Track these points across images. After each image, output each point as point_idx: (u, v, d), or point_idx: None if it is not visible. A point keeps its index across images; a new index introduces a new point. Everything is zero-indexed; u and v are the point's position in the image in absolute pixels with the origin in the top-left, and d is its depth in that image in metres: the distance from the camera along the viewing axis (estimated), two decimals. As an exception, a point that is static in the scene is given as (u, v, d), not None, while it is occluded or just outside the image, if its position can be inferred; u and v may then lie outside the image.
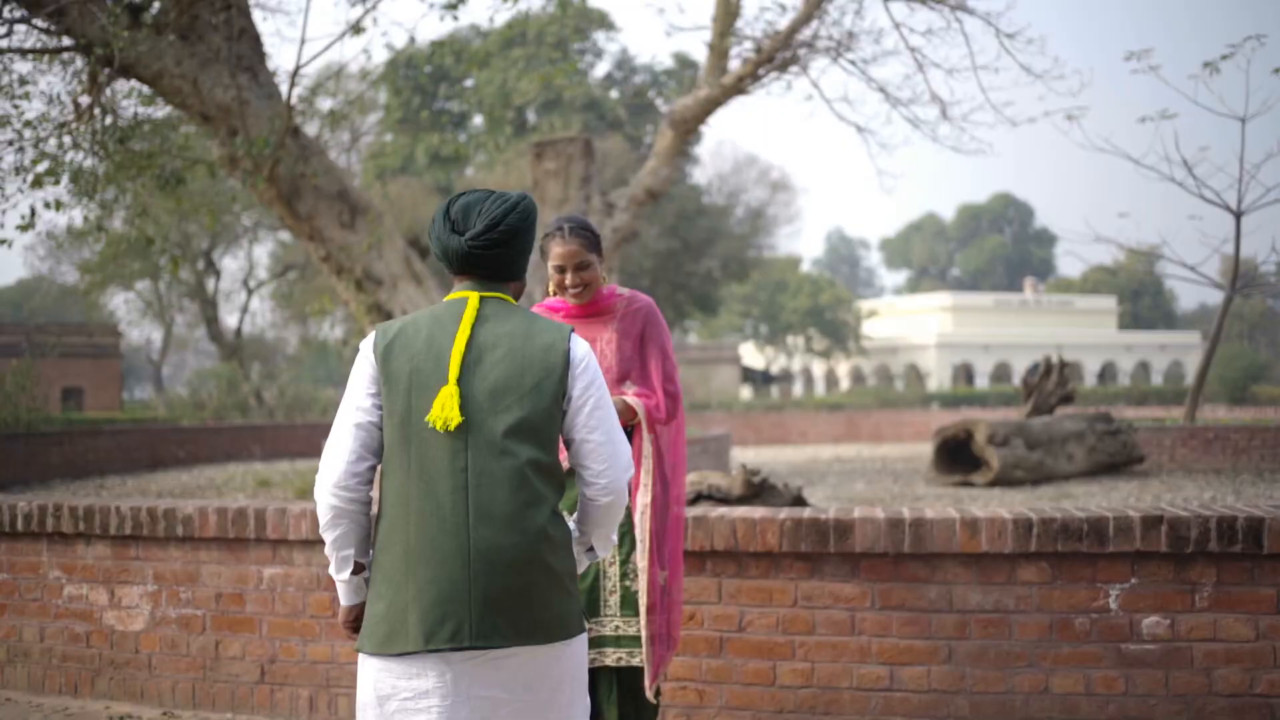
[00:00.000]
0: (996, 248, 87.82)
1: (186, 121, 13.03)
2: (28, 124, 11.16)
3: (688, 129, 14.00)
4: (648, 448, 3.61)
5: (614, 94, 38.09)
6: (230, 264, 45.22)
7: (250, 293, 43.15)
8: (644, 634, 3.55)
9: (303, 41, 11.06)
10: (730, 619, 4.29)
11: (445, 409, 2.40)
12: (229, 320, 43.64)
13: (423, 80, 36.75)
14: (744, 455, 21.84)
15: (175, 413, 27.67)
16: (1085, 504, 8.74)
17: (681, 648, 4.29)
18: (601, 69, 39.55)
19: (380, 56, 67.36)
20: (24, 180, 11.18)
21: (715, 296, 46.40)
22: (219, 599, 4.77)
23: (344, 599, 2.61)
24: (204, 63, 11.47)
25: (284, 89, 11.62)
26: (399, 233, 13.84)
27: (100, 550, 4.94)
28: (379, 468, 2.55)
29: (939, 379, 59.27)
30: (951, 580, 4.15)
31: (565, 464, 2.62)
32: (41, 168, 11.10)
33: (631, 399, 3.61)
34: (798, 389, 62.71)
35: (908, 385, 58.92)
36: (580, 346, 2.56)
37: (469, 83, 37.85)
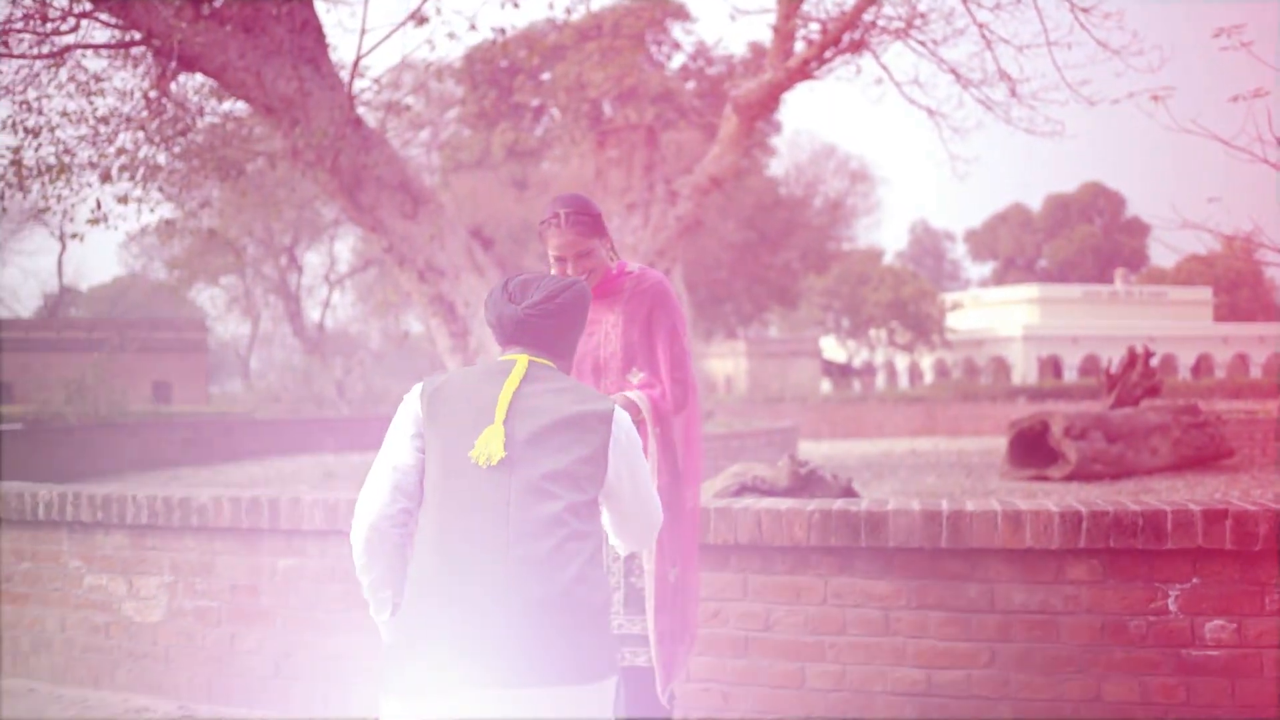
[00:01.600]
0: (1086, 238, 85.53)
1: (251, 117, 13.09)
2: (102, 120, 11.30)
3: (753, 114, 13.68)
4: (653, 444, 3.37)
5: (690, 85, 37.81)
6: (313, 259, 45.88)
7: (332, 287, 43.77)
8: (652, 633, 3.34)
9: (363, 32, 11.03)
10: (756, 617, 4.04)
11: (490, 445, 2.42)
12: (312, 314, 44.33)
13: (490, 72, 36.84)
14: (816, 449, 21.45)
15: (253, 406, 28.09)
16: (1165, 499, 8.30)
17: (705, 647, 4.06)
18: (678, 60, 39.30)
19: (444, 47, 67.71)
20: (98, 175, 11.31)
21: (794, 289, 45.87)
22: (234, 590, 4.64)
23: (386, 639, 2.60)
24: (267, 55, 11.46)
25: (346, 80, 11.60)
26: (462, 224, 13.75)
27: (118, 539, 4.85)
28: (415, 513, 2.57)
29: (1025, 372, 57.97)
30: (993, 578, 3.85)
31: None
32: (117, 164, 11.22)
33: (634, 395, 3.35)
34: (880, 382, 61.81)
35: (993, 378, 57.73)
36: (624, 418, 2.59)
37: (545, 76, 37.87)
